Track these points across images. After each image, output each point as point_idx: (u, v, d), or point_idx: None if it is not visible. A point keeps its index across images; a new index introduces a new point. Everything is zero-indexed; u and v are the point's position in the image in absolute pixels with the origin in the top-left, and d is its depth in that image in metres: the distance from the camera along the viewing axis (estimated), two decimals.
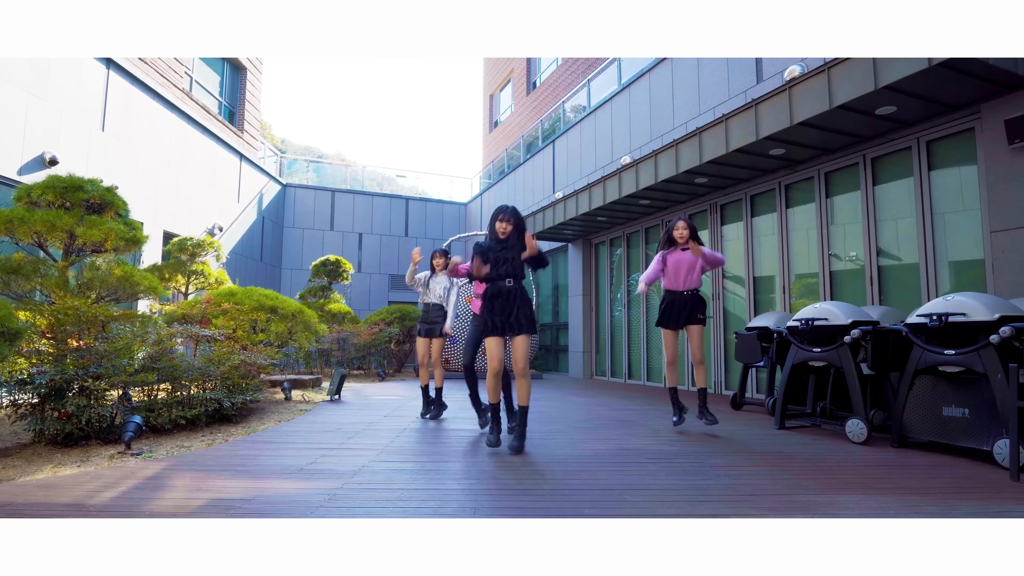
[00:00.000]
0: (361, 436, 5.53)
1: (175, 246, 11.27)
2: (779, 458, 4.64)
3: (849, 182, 7.93)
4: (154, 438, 5.35)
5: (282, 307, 8.62)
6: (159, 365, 5.65)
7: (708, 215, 10.32)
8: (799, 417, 6.36)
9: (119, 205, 7.02)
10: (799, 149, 7.84)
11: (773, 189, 9.02)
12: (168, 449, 4.92)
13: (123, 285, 6.60)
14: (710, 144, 8.14)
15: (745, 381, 7.78)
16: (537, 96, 21.17)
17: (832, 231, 8.12)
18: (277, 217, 19.57)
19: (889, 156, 7.44)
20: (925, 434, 4.91)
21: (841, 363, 5.50)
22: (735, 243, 9.81)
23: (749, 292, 9.42)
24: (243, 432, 5.83)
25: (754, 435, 5.74)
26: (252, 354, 6.95)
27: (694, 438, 5.55)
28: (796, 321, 5.89)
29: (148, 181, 12.41)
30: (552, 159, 15.80)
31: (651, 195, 10.19)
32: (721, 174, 8.97)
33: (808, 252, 8.47)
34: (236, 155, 16.35)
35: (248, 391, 6.53)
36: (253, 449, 4.87)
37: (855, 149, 7.69)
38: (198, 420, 5.90)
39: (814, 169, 8.33)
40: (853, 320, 5.44)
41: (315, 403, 8.25)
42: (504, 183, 19.20)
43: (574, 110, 15.89)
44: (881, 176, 7.53)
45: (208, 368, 6.04)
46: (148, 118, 12.44)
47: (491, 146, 25.41)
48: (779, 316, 7.39)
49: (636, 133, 11.93)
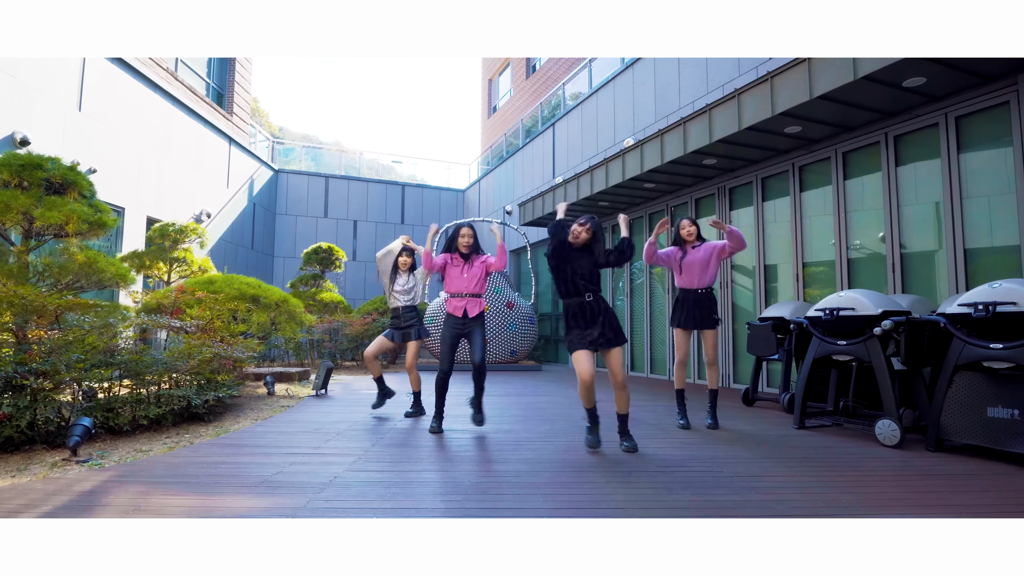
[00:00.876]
0: (341, 438, 5.01)
1: (156, 232, 10.75)
2: (807, 466, 4.12)
3: (869, 163, 7.38)
4: (111, 441, 4.84)
5: (265, 296, 8.09)
6: (117, 360, 5.12)
7: (716, 199, 9.78)
8: (819, 415, 5.85)
9: (83, 185, 6.48)
10: (816, 127, 7.29)
11: (786, 171, 8.48)
12: (123, 454, 4.41)
13: (86, 272, 6.07)
14: (721, 122, 7.59)
15: (758, 375, 7.26)
16: (537, 80, 20.55)
17: (850, 216, 7.58)
18: (269, 204, 18.99)
19: (914, 134, 6.89)
20: (965, 437, 4.40)
21: (869, 357, 4.98)
22: (745, 229, 9.27)
23: (759, 281, 8.88)
24: (213, 433, 5.32)
25: (773, 436, 5.22)
26: (229, 347, 6.44)
27: (707, 440, 5.03)
28: (819, 311, 5.37)
29: (130, 164, 11.86)
30: (552, 143, 15.23)
31: (656, 178, 9.64)
32: (731, 154, 8.42)
33: (824, 238, 7.94)
34: (225, 139, 15.77)
35: (222, 387, 6.02)
36: (217, 455, 4.35)
37: (877, 126, 7.14)
38: (164, 420, 5.39)
39: (831, 149, 7.78)
40: (883, 310, 4.92)
41: (299, 398, 7.74)
42: (502, 169, 18.63)
43: (574, 97, 15.29)
44: (905, 155, 6.98)
45: (175, 362, 5.52)
46: (129, 98, 11.87)
47: (490, 132, 24.80)
48: (795, 306, 6.87)
49: (640, 114, 11.36)
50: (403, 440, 4.96)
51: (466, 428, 5.50)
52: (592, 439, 4.59)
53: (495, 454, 4.43)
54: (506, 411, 6.70)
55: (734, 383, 9.27)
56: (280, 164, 20.41)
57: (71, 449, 4.02)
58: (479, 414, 5.42)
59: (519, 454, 4.42)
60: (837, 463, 4.20)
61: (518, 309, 13.28)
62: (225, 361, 6.22)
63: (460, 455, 4.38)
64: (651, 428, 5.58)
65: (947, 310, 4.56)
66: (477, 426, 5.42)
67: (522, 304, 13.56)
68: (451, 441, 4.93)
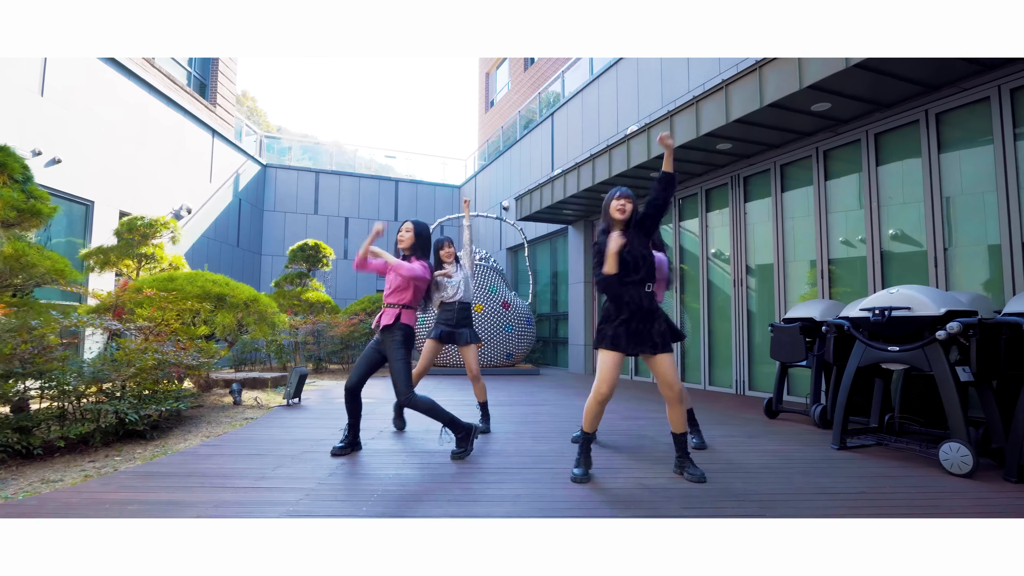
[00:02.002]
0: (295, 463, 4.16)
1: (124, 226, 9.88)
2: (865, 504, 3.26)
3: (906, 145, 6.53)
4: (16, 468, 3.99)
5: (232, 295, 7.23)
6: (28, 370, 4.25)
7: (729, 189, 8.91)
8: (860, 433, 4.98)
9: (14, 168, 5.62)
10: (847, 103, 6.43)
11: (809, 156, 7.62)
12: (20, 487, 3.56)
13: (12, 266, 5.22)
14: (740, 99, 6.73)
15: (783, 384, 6.39)
16: (535, 72, 19.70)
17: (883, 205, 6.73)
18: (256, 200, 18.11)
19: (960, 111, 6.04)
20: None
21: (930, 366, 4.12)
22: (761, 222, 8.41)
23: (778, 279, 8.02)
24: (150, 454, 4.48)
25: (812, 460, 4.36)
26: (181, 352, 5.59)
27: (735, 469, 4.17)
28: (865, 311, 4.51)
29: (99, 155, 10.99)
30: (551, 134, 14.37)
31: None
32: (748, 137, 7.55)
33: (855, 231, 7.08)
34: (208, 131, 14.91)
35: (167, 400, 5.16)
36: (132, 488, 3.49)
37: (917, 103, 6.29)
38: (91, 439, 4.54)
39: (861, 131, 6.93)
40: (947, 310, 4.07)
41: (268, 408, 6.89)
42: (499, 163, 17.76)
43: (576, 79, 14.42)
44: (948, 137, 6.13)
45: (101, 372, 4.66)
46: (99, 85, 11.01)
47: (487, 127, 23.92)
48: (825, 305, 6.01)
49: (645, 100, 10.50)
50: (370, 465, 4.10)
51: (444, 450, 4.65)
52: (581, 474, 3.75)
53: (477, 490, 3.57)
54: (497, 425, 5.84)
55: (749, 391, 8.41)
56: (270, 160, 19.53)
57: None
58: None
59: (508, 487, 3.56)
60: (907, 501, 3.33)
61: (515, 309, 12.42)
62: (175, 368, 5.36)
63: (433, 490, 3.52)
64: (667, 450, 4.72)
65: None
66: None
67: (519, 304, 12.70)
68: (425, 468, 4.08)
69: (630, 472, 3.97)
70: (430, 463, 4.21)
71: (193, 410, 6.58)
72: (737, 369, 8.57)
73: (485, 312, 11.97)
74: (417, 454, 4.52)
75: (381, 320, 4.45)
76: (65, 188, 10.11)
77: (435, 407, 4.30)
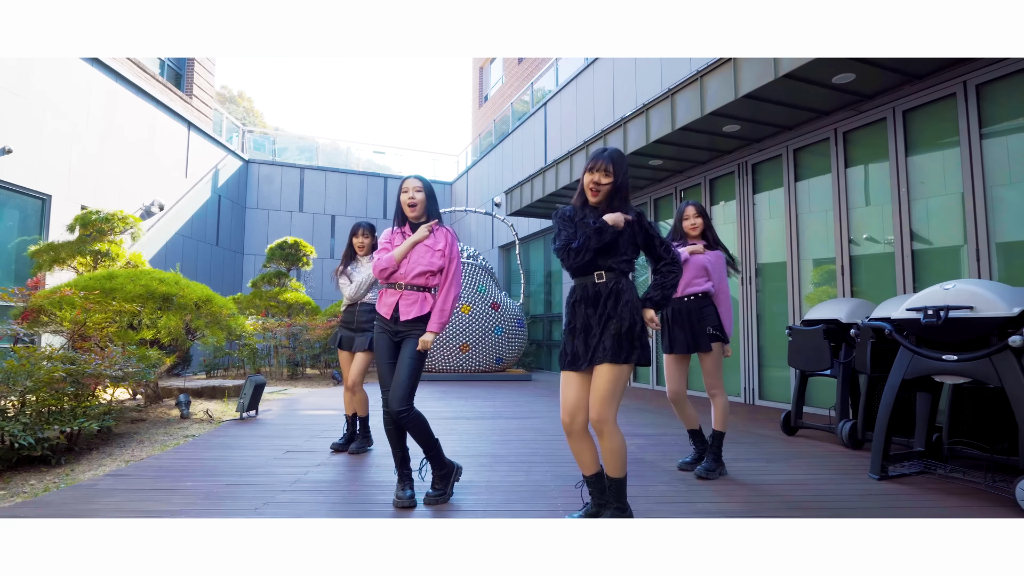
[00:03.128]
0: (221, 501, 3.33)
1: (78, 221, 9.09)
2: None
3: (941, 125, 5.70)
4: None
5: (181, 295, 6.41)
6: None
7: (736, 178, 8.08)
8: (902, 459, 4.14)
9: None
10: (871, 74, 5.61)
11: (827, 139, 6.79)
12: None
13: None
14: (750, 73, 5.92)
15: (802, 395, 5.54)
16: (529, 65, 18.87)
17: (913, 198, 5.90)
18: (238, 197, 17.26)
19: (1003, 81, 5.22)
20: None
21: (1000, 379, 3.29)
22: (773, 215, 7.59)
23: (791, 277, 7.19)
24: (44, 486, 3.67)
25: (849, 495, 3.53)
26: (100, 361, 4.75)
27: (752, 510, 3.33)
28: (913, 311, 3.67)
29: (58, 146, 10.18)
30: (544, 126, 13.54)
31: (664, 151, 7.94)
32: (758, 117, 6.73)
33: (879, 225, 6.26)
34: (183, 123, 14.09)
35: (77, 419, 4.33)
36: None
37: (954, 72, 5.47)
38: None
39: (887, 108, 6.11)
40: (1022, 310, 3.24)
41: (218, 422, 6.07)
42: (491, 157, 16.94)
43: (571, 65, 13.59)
44: (991, 114, 5.31)
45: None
46: (57, 69, 10.19)
47: (481, 122, 23.10)
48: (852, 305, 5.18)
49: (644, 84, 9.68)
50: (308, 506, 3.27)
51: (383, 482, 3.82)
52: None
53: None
54: (474, 444, 5.02)
55: (760, 400, 7.57)
56: (253, 155, 18.69)
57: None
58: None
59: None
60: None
61: (505, 311, 11.60)
62: (89, 380, 4.53)
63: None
64: (668, 476, 3.90)
65: None
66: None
67: (510, 305, 11.88)
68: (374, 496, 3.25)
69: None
70: (375, 504, 3.38)
71: (132, 425, 5.75)
72: (746, 376, 7.74)
73: (473, 314, 11.15)
74: (364, 490, 3.69)
75: (399, 307, 3.42)
76: (17, 181, 9.30)
77: (428, 430, 3.40)
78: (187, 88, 14.70)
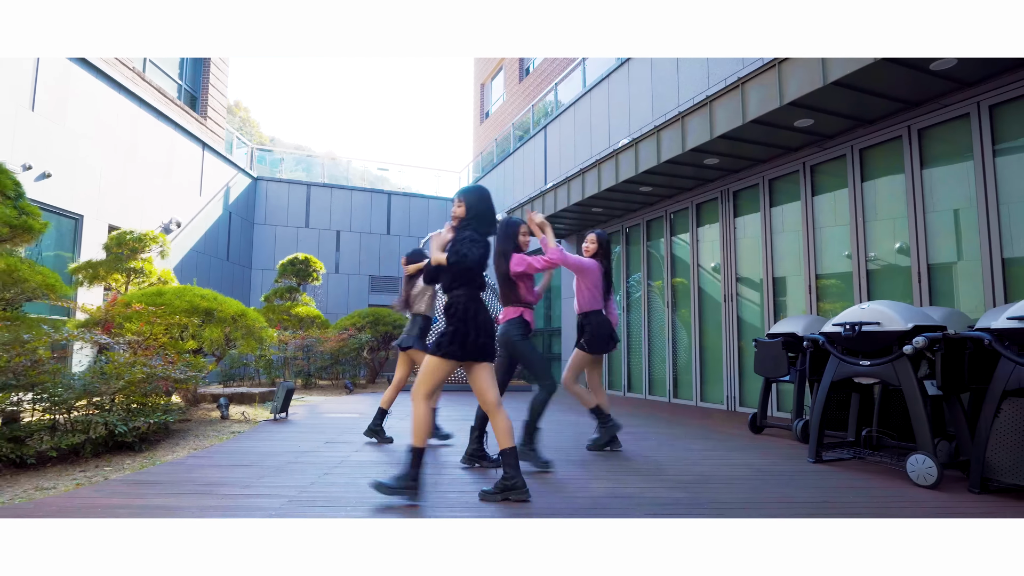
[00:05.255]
0: (279, 474, 4.40)
1: (113, 241, 10.16)
2: (826, 512, 3.51)
3: (890, 162, 6.81)
4: (11, 477, 4.23)
5: (220, 309, 7.49)
6: (21, 382, 4.50)
7: (719, 203, 9.20)
8: (838, 447, 5.24)
9: (7, 185, 5.89)
10: (830, 119, 6.73)
11: (796, 171, 7.91)
12: (20, 492, 3.82)
13: (4, 281, 5.47)
14: (723, 115, 7.03)
15: (767, 399, 6.64)
16: (530, 83, 20.06)
17: (869, 222, 7.00)
18: (247, 213, 18.42)
19: (941, 127, 6.33)
20: (1017, 476, 3.79)
21: (899, 380, 4.37)
22: (751, 237, 8.68)
23: (766, 294, 8.28)
24: (139, 464, 4.72)
25: (785, 472, 4.61)
26: (169, 366, 5.83)
27: (706, 480, 4.41)
28: (837, 326, 4.77)
29: (90, 169, 11.29)
30: (544, 147, 14.69)
31: (653, 180, 9.07)
32: (735, 152, 7.85)
33: (839, 247, 7.35)
34: (198, 144, 15.23)
35: (155, 413, 5.40)
36: (122, 493, 3.73)
37: (899, 119, 6.59)
38: (82, 450, 4.78)
39: (846, 146, 7.22)
40: (915, 324, 4.32)
41: (255, 423, 7.13)
42: (493, 176, 18.08)
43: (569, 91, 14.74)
44: (931, 153, 6.41)
45: (92, 385, 4.90)
46: (90, 98, 11.32)
47: (482, 139, 24.28)
48: (808, 320, 6.27)
49: (636, 114, 10.81)
50: (351, 477, 4.34)
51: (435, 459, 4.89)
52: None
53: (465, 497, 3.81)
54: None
55: (740, 406, 8.65)
56: (261, 172, 19.85)
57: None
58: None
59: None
60: (862, 509, 3.58)
61: None
62: (163, 382, 5.61)
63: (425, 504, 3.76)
64: (642, 461, 4.97)
65: (993, 324, 3.97)
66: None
67: None
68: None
69: (601, 483, 4.21)
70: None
71: (181, 424, 6.81)
72: (728, 385, 8.82)
73: None
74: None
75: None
76: (54, 202, 10.39)
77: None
78: (201, 109, 15.85)
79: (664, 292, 10.42)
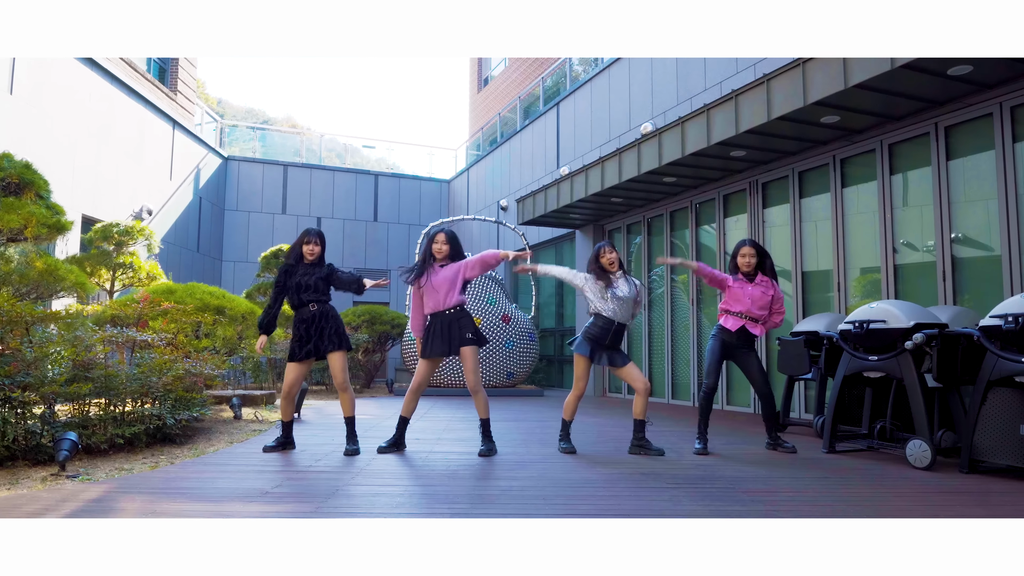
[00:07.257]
0: (331, 458, 5.81)
1: (98, 234, 11.48)
2: (823, 483, 4.95)
3: (918, 154, 8.23)
4: (88, 460, 5.62)
5: (230, 307, 8.89)
6: (93, 375, 5.91)
7: (747, 195, 10.62)
8: (853, 439, 6.69)
9: (40, 185, 7.29)
10: (857, 116, 8.13)
11: (826, 164, 9.33)
12: (107, 471, 5.20)
13: (45, 280, 6.86)
14: (748, 110, 8.42)
15: (790, 397, 8.11)
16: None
17: (897, 215, 8.42)
18: (217, 198, 19.77)
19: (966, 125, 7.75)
20: (1000, 457, 5.22)
21: (901, 373, 5.81)
22: (780, 229, 10.11)
23: (796, 290, 9.72)
24: (191, 454, 6.11)
25: (797, 459, 6.05)
26: (197, 363, 7.22)
27: (724, 461, 5.86)
28: (848, 324, 6.20)
29: (64, 155, 12.56)
30: (556, 126, 16.05)
31: (678, 171, 10.48)
32: (762, 145, 9.26)
33: (872, 241, 8.75)
34: (168, 122, 16.54)
35: (194, 406, 6.80)
36: (207, 471, 5.16)
37: (925, 116, 8.00)
38: (137, 440, 6.17)
39: (875, 140, 8.63)
40: (915, 322, 5.75)
41: (270, 423, 8.52)
42: (496, 155, 19.38)
43: (583, 62, 16.08)
44: (957, 148, 7.84)
45: (148, 379, 6.31)
46: (64, 77, 12.59)
47: (480, 109, 25.57)
48: (832, 318, 7.69)
49: (660, 94, 12.20)
50: (400, 460, 5.76)
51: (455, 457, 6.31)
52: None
53: (499, 471, 5.24)
54: (506, 435, 7.50)
55: None
56: (232, 152, 21.13)
57: (60, 464, 4.81)
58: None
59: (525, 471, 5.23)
60: (856, 479, 5.03)
61: (516, 323, 14.01)
62: (196, 379, 7.00)
63: (461, 470, 5.18)
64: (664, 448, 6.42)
65: (983, 322, 5.39)
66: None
67: (521, 318, 14.29)
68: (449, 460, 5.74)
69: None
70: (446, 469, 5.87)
71: (200, 422, 8.21)
72: None
73: (483, 327, 13.38)
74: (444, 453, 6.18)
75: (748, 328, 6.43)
76: None
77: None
78: (171, 83, 17.21)
79: (689, 287, 11.81)
